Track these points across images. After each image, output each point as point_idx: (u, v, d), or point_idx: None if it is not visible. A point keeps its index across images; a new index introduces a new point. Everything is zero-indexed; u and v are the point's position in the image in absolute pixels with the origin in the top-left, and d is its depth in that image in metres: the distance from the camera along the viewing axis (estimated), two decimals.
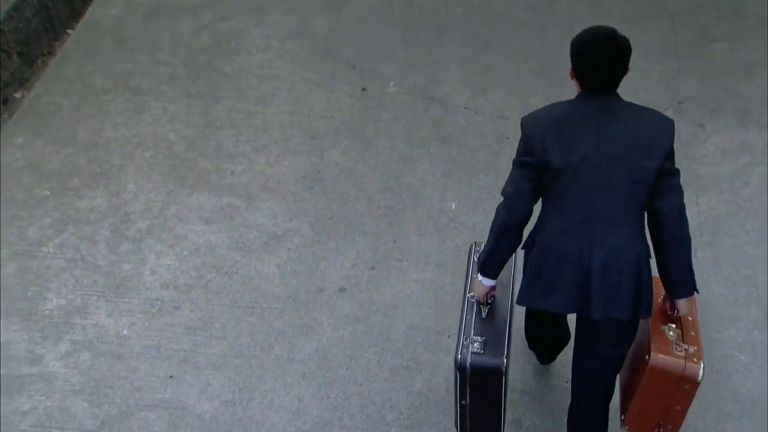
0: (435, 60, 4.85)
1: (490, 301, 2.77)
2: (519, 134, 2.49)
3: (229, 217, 3.97)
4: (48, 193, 4.10)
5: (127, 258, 3.77)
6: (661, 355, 2.48)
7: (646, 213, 2.46)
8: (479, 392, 2.68)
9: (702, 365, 2.48)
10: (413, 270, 3.68)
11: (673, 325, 2.58)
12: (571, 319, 2.72)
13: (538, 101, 4.47)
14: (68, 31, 5.26)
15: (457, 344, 2.67)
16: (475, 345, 2.65)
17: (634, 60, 2.39)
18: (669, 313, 2.62)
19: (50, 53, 5.10)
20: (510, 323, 2.73)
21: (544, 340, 3.14)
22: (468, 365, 2.62)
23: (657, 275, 2.52)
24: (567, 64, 2.46)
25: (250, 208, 4.02)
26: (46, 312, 3.52)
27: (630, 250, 2.42)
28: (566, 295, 2.46)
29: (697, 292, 2.55)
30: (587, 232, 2.43)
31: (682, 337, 2.55)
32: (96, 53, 4.96)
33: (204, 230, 3.90)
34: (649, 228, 2.48)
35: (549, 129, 2.44)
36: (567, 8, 5.09)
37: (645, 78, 4.49)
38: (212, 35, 5.07)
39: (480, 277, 2.67)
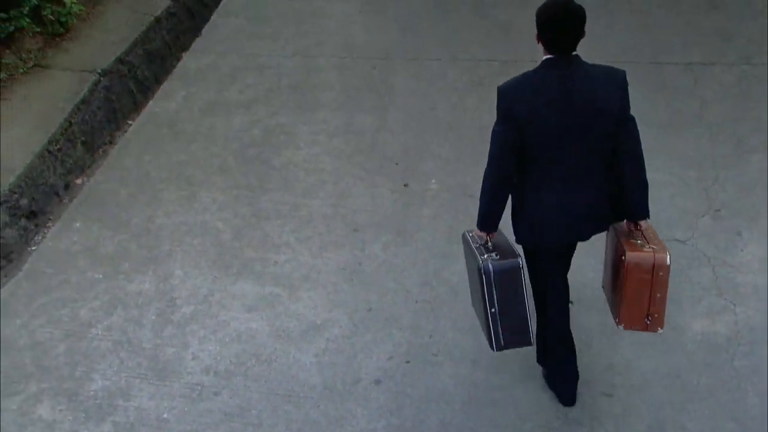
0: (476, 159, 4.99)
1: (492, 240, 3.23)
2: None
3: (271, 305, 4.09)
4: (100, 276, 4.28)
5: (171, 342, 3.89)
6: (633, 253, 3.03)
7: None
8: (505, 293, 3.11)
9: (668, 254, 3.01)
10: (448, 365, 3.73)
11: (638, 240, 3.11)
12: None
13: None
14: (129, 122, 5.57)
15: (477, 260, 3.11)
16: (493, 255, 3.13)
17: (672, 168, 2.54)
18: (633, 232, 3.14)
19: (111, 142, 5.40)
20: (512, 247, 3.20)
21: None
22: (491, 269, 3.07)
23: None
24: None
25: (292, 298, 4.13)
26: (91, 393, 3.64)
27: (603, 190, 3.06)
28: (558, 235, 3.14)
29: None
30: (569, 180, 3.02)
31: (647, 241, 3.10)
32: (154, 144, 5.23)
33: (246, 318, 4.02)
34: (615, 166, 3.03)
35: (523, 96, 2.94)
36: None
37: (682, 185, 4.57)
38: (263, 130, 5.32)
39: (481, 230, 3.19)
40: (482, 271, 3.07)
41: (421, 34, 5.97)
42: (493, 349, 3.21)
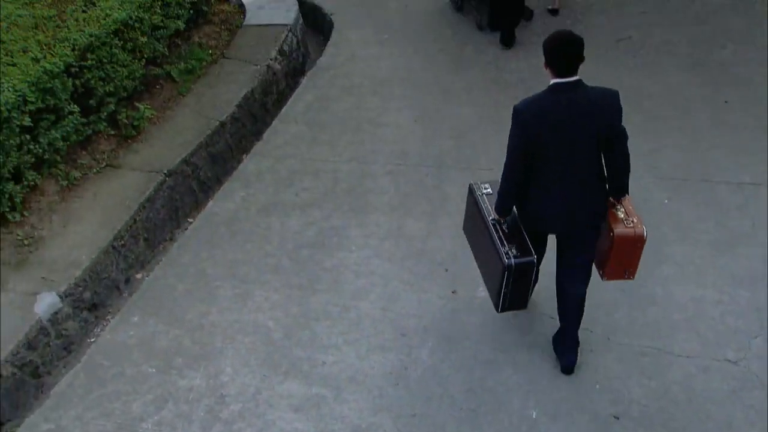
0: None
1: (506, 221, 4.08)
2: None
3: (317, 406, 4.14)
4: (153, 370, 4.41)
5: None
6: (619, 230, 3.95)
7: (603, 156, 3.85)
8: (518, 281, 4.04)
9: (645, 229, 3.96)
10: None
11: (621, 208, 4.01)
12: None
13: (622, 316, 4.58)
14: (190, 220, 5.82)
15: (499, 252, 3.98)
16: (513, 251, 3.96)
17: (723, 286, 2.63)
18: (615, 205, 4.01)
19: (171, 239, 5.64)
20: (525, 235, 4.05)
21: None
22: (514, 265, 3.94)
23: None
24: None
25: (338, 400, 4.18)
26: None
27: (596, 188, 3.89)
28: (554, 224, 4.00)
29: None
30: (567, 181, 3.82)
31: (627, 213, 4.00)
32: (211, 242, 5.44)
33: (292, 418, 4.07)
34: (606, 164, 3.87)
35: (535, 114, 3.71)
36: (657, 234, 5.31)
37: (734, 304, 4.54)
38: (317, 232, 5.49)
39: (498, 214, 4.08)
40: (505, 266, 3.95)
41: (473, 144, 6.17)
42: (497, 311, 4.23)
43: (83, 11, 5.70)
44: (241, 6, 7.86)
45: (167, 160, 5.83)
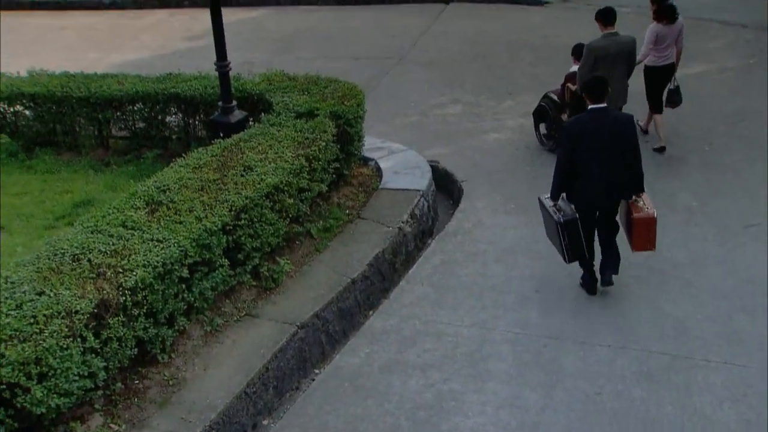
0: None
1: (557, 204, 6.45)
2: None
3: None
4: None
5: None
6: (638, 214, 6.21)
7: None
8: (570, 234, 6.29)
9: (655, 212, 6.25)
10: None
11: (640, 200, 6.27)
12: None
13: None
14: (316, 371, 6.17)
15: (554, 218, 6.31)
16: (560, 214, 6.31)
17: None
18: (637, 199, 6.28)
19: (298, 389, 5.99)
20: (571, 209, 6.36)
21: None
22: (563, 221, 6.26)
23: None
24: None
25: None
26: None
27: (624, 181, 6.18)
28: (592, 203, 6.30)
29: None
30: (600, 180, 6.12)
31: (645, 203, 6.24)
32: (335, 395, 5.74)
33: None
34: (627, 170, 6.15)
35: (578, 131, 6.11)
36: None
37: None
38: (435, 394, 5.69)
39: (552, 200, 6.42)
40: (558, 223, 6.29)
41: (592, 318, 6.29)
42: (566, 261, 6.49)
43: (242, 175, 6.42)
44: (379, 170, 8.52)
45: (300, 312, 6.28)
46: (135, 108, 8.95)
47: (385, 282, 7.17)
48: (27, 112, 9.13)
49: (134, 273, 5.16)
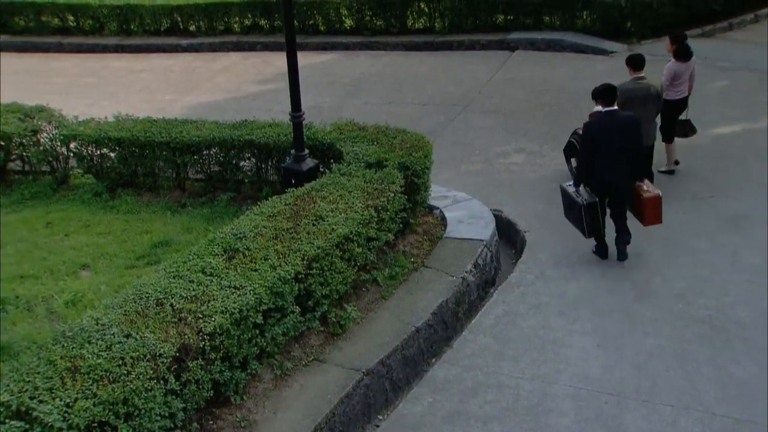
0: None
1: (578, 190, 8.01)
2: None
3: None
4: None
5: None
6: (647, 194, 7.81)
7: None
8: (590, 214, 7.84)
9: (660, 192, 7.87)
10: None
11: (643, 185, 7.89)
12: None
13: None
14: (380, 417, 6.35)
15: (578, 201, 7.88)
16: (582, 197, 7.86)
17: None
18: (641, 184, 7.89)
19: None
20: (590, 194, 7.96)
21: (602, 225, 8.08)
22: (586, 204, 7.80)
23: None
24: None
25: None
26: None
27: (630, 169, 7.82)
28: (607, 189, 7.88)
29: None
30: (613, 166, 7.71)
31: (648, 187, 7.87)
32: None
33: None
34: (633, 160, 7.80)
35: (597, 129, 7.76)
36: None
37: None
38: None
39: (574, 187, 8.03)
40: (581, 206, 7.79)
41: (655, 375, 6.33)
42: (585, 236, 7.99)
43: (314, 224, 6.71)
44: (443, 219, 8.73)
45: (366, 359, 6.49)
46: (211, 152, 9.40)
47: (448, 330, 7.33)
48: (112, 155, 9.67)
49: (213, 319, 5.47)
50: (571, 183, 8.07)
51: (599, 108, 8.21)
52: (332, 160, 8.76)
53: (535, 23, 15.53)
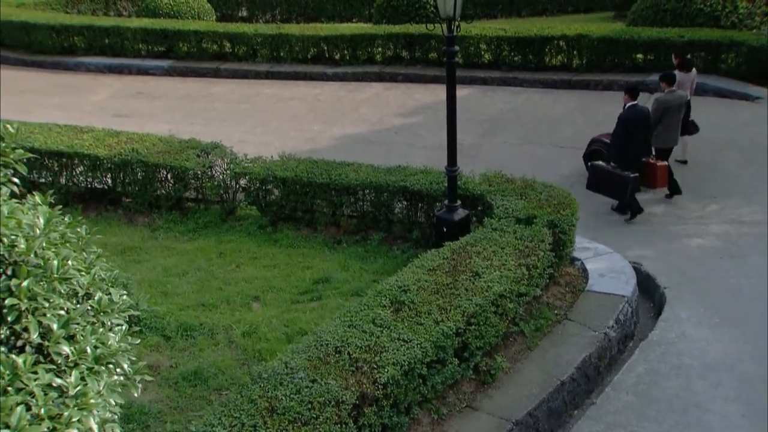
0: None
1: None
2: None
3: None
4: None
5: None
6: (659, 163, 10.94)
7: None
8: (636, 184, 10.60)
9: (668, 162, 11.16)
10: None
11: (652, 159, 11.03)
12: None
13: None
14: None
15: (624, 175, 10.56)
16: (624, 172, 10.58)
17: None
18: (650, 158, 11.05)
19: None
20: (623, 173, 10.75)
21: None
22: (633, 177, 10.53)
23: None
24: None
25: None
26: None
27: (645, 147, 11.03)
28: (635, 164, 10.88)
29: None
30: (640, 145, 10.79)
31: (656, 160, 11.07)
32: None
33: None
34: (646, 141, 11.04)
35: (632, 118, 10.63)
36: None
37: None
38: None
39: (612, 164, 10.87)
40: (628, 178, 10.46)
41: None
42: (624, 201, 10.78)
43: (471, 281, 7.29)
44: (585, 271, 9.11)
45: (515, 409, 7.00)
46: (366, 194, 10.16)
47: (590, 384, 7.74)
48: (276, 191, 10.60)
49: (386, 370, 6.14)
50: (600, 162, 10.89)
51: (630, 103, 10.73)
52: (479, 208, 9.34)
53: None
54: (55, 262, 3.00)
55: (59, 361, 3.10)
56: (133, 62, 19.90)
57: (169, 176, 11.05)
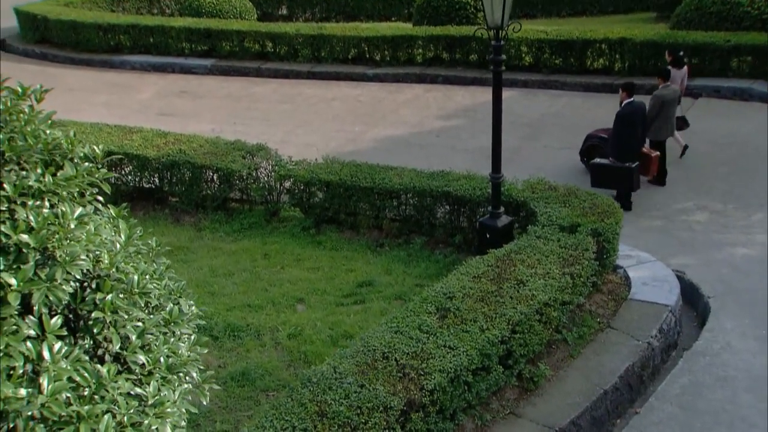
0: None
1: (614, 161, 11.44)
2: None
3: None
4: None
5: None
6: (653, 153, 11.63)
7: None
8: (638, 174, 11.29)
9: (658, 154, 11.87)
10: None
11: (646, 149, 11.76)
12: None
13: None
14: None
15: (624, 167, 11.13)
16: (625, 164, 11.14)
17: None
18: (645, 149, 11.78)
19: None
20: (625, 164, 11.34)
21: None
22: (635, 166, 11.12)
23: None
24: None
25: None
26: None
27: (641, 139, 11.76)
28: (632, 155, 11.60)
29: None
30: (639, 138, 11.49)
31: (650, 151, 11.71)
32: None
33: None
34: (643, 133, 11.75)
35: (631, 113, 11.20)
36: None
37: None
38: None
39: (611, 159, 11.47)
40: (631, 169, 11.06)
41: None
42: (632, 191, 11.31)
43: (515, 289, 7.36)
44: (627, 279, 9.12)
45: (558, 417, 7.05)
46: (409, 198, 10.27)
47: (633, 393, 7.75)
48: (319, 193, 10.75)
49: (433, 377, 6.23)
50: (599, 159, 11.43)
51: (627, 100, 11.25)
52: (522, 215, 9.39)
53: (722, 69, 15.38)
54: (136, 277, 3.15)
55: (136, 370, 3.25)
56: (176, 61, 20.23)
57: (215, 177, 11.27)
